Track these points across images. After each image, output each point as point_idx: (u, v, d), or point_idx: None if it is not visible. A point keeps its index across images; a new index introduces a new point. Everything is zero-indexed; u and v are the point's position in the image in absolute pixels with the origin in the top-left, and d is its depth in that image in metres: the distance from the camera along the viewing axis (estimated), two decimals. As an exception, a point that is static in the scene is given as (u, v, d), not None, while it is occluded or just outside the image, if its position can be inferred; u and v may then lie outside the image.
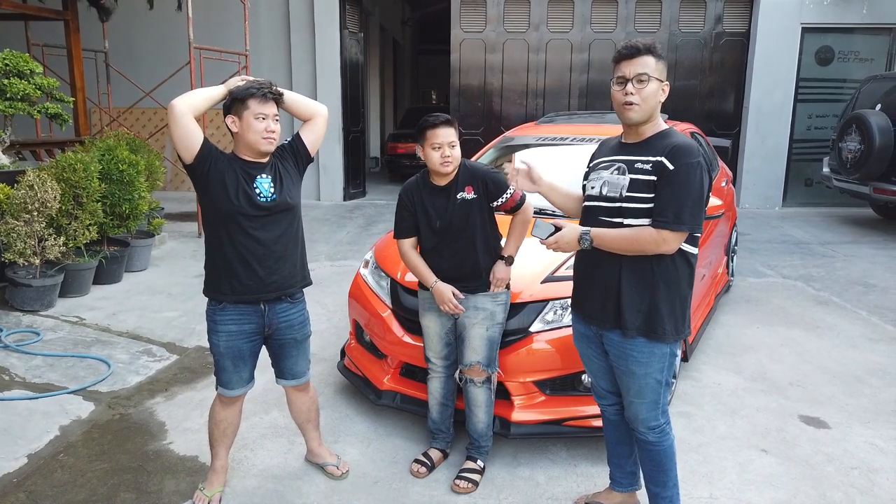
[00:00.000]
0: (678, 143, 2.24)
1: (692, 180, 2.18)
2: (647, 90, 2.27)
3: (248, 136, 2.53)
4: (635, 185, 2.28)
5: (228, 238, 2.59)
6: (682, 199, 2.19)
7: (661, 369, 2.38)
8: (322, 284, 5.97)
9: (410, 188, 3.00)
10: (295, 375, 2.89)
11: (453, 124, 2.86)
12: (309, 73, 9.87)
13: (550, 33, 10.12)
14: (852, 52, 9.72)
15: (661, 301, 2.31)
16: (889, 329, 4.99)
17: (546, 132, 4.93)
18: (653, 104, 2.29)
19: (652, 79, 2.27)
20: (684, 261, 2.33)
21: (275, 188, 2.62)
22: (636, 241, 2.27)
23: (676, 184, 2.19)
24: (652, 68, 2.27)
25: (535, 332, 3.16)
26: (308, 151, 2.77)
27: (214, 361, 2.73)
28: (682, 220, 2.19)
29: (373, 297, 3.63)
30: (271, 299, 2.70)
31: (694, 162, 2.19)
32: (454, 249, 2.92)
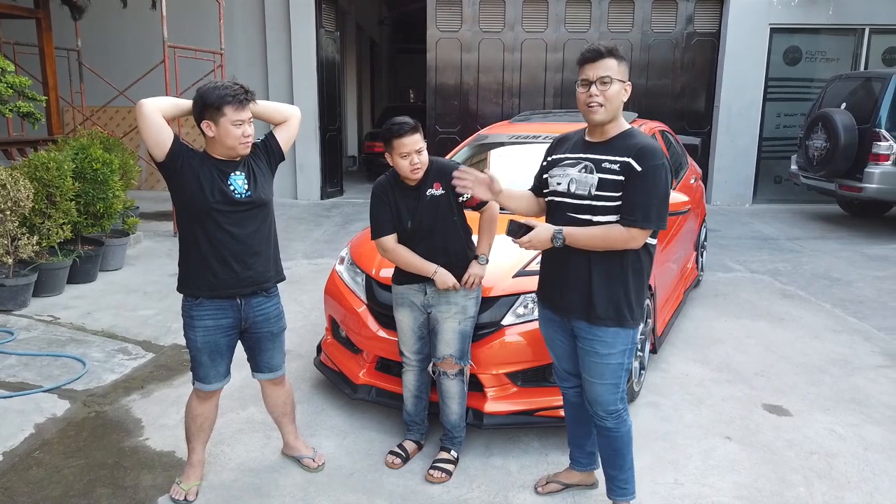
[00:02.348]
0: (644, 145, 2.37)
1: (659, 181, 2.33)
2: (610, 91, 2.37)
3: (226, 141, 2.57)
4: (604, 184, 2.39)
5: (204, 234, 2.63)
6: (650, 200, 2.33)
7: (625, 352, 2.51)
8: (299, 282, 6.00)
9: (383, 185, 3.06)
10: (272, 368, 2.94)
11: (418, 129, 2.91)
12: (285, 73, 9.87)
13: (525, 33, 10.22)
14: (819, 52, 9.95)
15: (630, 290, 2.47)
16: (851, 321, 5.16)
17: (520, 130, 5.02)
18: (616, 104, 2.40)
19: (614, 80, 2.38)
20: (647, 252, 2.50)
21: (249, 185, 2.67)
22: (607, 238, 2.40)
23: (644, 185, 2.32)
24: (614, 70, 2.37)
25: (507, 325, 3.24)
26: (282, 150, 2.83)
27: (191, 357, 2.77)
28: (650, 219, 2.34)
29: (348, 293, 3.69)
30: (247, 294, 2.75)
31: (660, 164, 2.34)
32: (426, 247, 2.98)
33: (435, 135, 10.52)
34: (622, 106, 2.45)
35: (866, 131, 7.70)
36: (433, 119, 10.52)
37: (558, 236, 2.43)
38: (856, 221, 8.90)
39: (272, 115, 2.82)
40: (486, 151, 4.92)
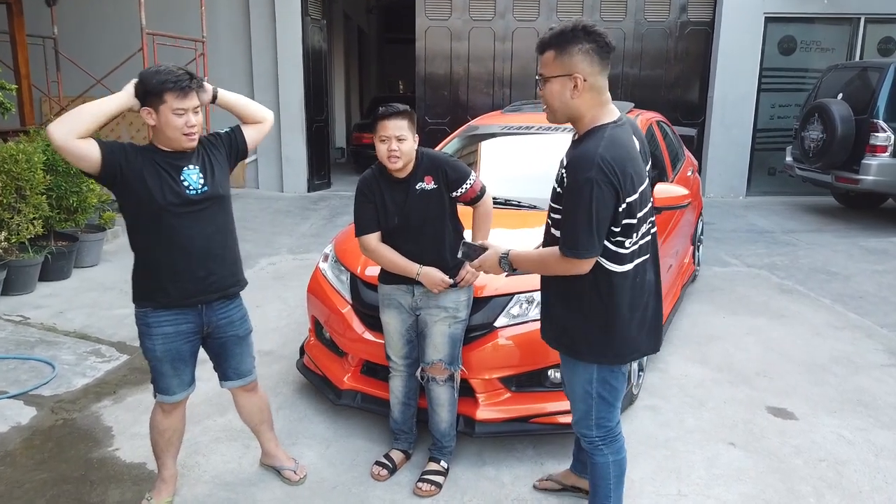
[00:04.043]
0: (576, 154, 2.04)
1: (581, 199, 1.97)
2: (546, 92, 2.09)
3: (167, 132, 2.34)
4: (553, 195, 2.18)
5: (159, 240, 2.40)
6: (574, 221, 2.01)
7: (590, 382, 2.26)
8: (283, 279, 5.80)
9: (368, 179, 2.86)
10: (241, 374, 2.73)
11: (407, 116, 2.71)
12: (270, 62, 9.60)
13: (517, 21, 10.01)
14: (814, 42, 9.79)
15: (579, 321, 2.19)
16: (852, 317, 5.01)
17: (511, 121, 4.82)
18: (558, 105, 2.08)
19: (548, 79, 2.07)
20: (606, 280, 2.12)
21: (205, 179, 2.45)
22: (545, 265, 2.19)
23: (568, 201, 2.04)
24: (549, 65, 2.06)
25: (500, 327, 3.06)
26: (247, 148, 2.63)
27: (151, 368, 2.55)
28: (576, 245, 2.01)
29: (332, 292, 3.49)
30: (211, 300, 2.54)
31: (584, 178, 1.96)
32: (416, 245, 2.79)
33: (424, 126, 10.29)
34: (586, 102, 2.06)
35: (863, 122, 7.56)
36: (422, 110, 10.29)
37: (504, 260, 2.25)
38: (851, 213, 8.78)
39: (246, 112, 2.62)
40: (476, 143, 4.72)
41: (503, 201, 3.90)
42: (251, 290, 5.57)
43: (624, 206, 2.04)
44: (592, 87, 2.07)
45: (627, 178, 2.03)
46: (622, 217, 2.06)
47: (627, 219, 2.08)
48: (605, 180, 1.98)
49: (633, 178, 2.06)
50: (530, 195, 3.92)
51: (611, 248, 2.10)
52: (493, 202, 3.82)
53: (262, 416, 2.87)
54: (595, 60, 2.06)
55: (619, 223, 2.07)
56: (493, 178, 4.29)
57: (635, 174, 2.07)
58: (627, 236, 2.11)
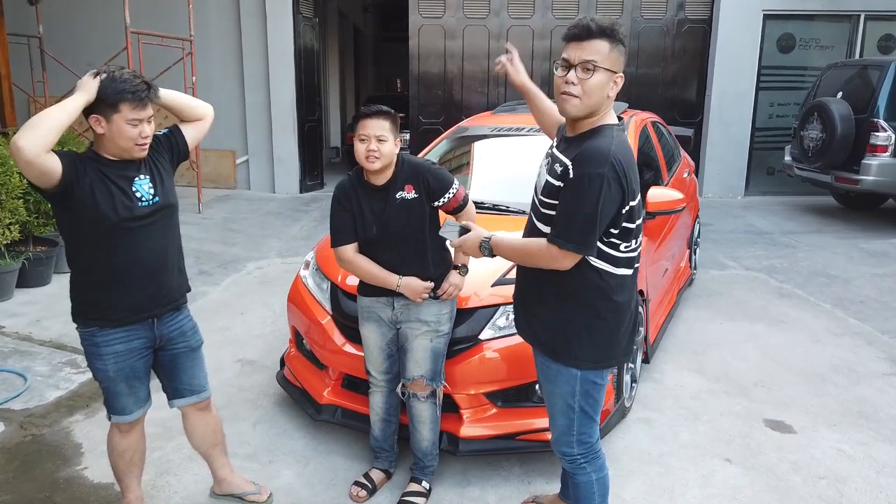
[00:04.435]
0: (588, 148, 1.96)
1: (589, 193, 1.90)
2: (593, 82, 1.96)
3: (118, 142, 2.20)
4: (547, 188, 2.06)
5: (111, 257, 2.25)
6: (573, 213, 1.94)
7: (572, 394, 2.15)
8: (270, 283, 5.66)
9: (345, 187, 2.73)
10: (195, 390, 2.57)
11: (390, 118, 2.58)
12: (260, 61, 9.45)
13: (511, 19, 9.86)
14: (813, 40, 9.65)
15: (570, 322, 2.10)
16: (853, 322, 4.88)
17: (503, 122, 4.68)
18: (597, 99, 1.98)
19: (600, 69, 1.96)
20: (597, 279, 2.05)
21: (155, 189, 2.31)
22: (527, 252, 2.09)
23: (571, 194, 1.95)
24: (603, 56, 1.96)
25: (486, 339, 2.93)
26: (187, 149, 2.49)
27: (104, 389, 2.40)
28: (569, 237, 1.95)
29: (312, 302, 3.36)
30: (164, 313, 2.41)
31: (595, 173, 1.90)
32: (396, 256, 2.65)
33: (418, 125, 10.17)
34: (607, 102, 2.02)
35: (864, 121, 7.41)
36: (416, 109, 10.15)
37: (485, 244, 2.16)
38: (851, 214, 8.64)
39: (184, 109, 2.47)
40: (466, 145, 4.59)
41: (492, 206, 3.77)
42: (236, 297, 5.46)
43: (627, 208, 2.00)
44: (618, 91, 2.06)
45: (632, 183, 2.00)
46: (622, 220, 2.02)
47: (627, 223, 2.03)
48: (615, 178, 1.93)
49: (635, 185, 2.02)
50: (520, 200, 3.78)
51: (604, 249, 2.04)
52: (482, 207, 3.75)
53: (215, 438, 2.69)
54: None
55: (618, 225, 2.02)
56: (483, 182, 4.20)
57: (636, 181, 2.03)
58: (624, 240, 2.06)
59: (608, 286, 2.07)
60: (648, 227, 3.81)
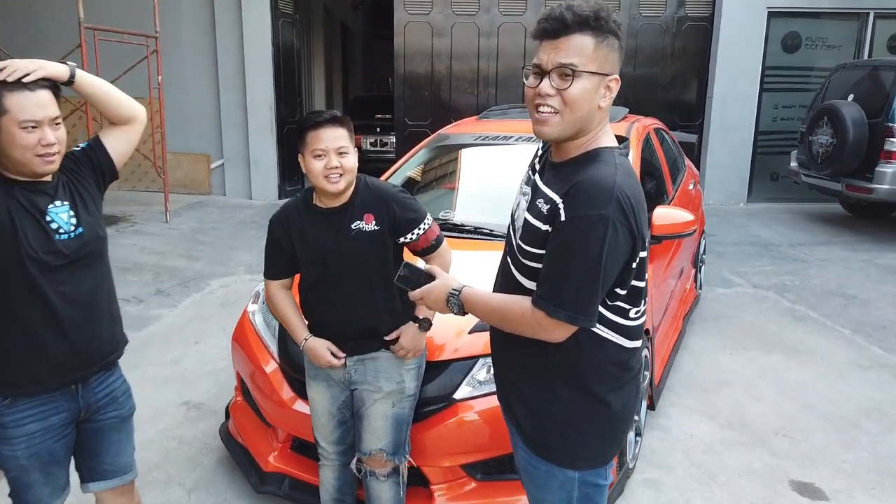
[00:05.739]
0: (585, 182, 1.44)
1: (588, 242, 1.41)
2: (574, 91, 1.46)
3: (12, 153, 1.69)
4: (528, 232, 1.54)
5: (21, 306, 1.75)
6: (567, 270, 1.44)
7: (567, 501, 1.63)
8: (233, 305, 5.12)
9: (287, 214, 2.22)
10: (119, 470, 2.06)
11: (345, 124, 2.09)
12: (236, 59, 8.89)
13: (502, 16, 9.34)
14: (820, 39, 9.17)
15: (563, 408, 1.58)
16: (877, 352, 4.39)
17: (488, 129, 4.16)
18: (582, 113, 1.48)
19: (583, 73, 1.45)
20: (600, 353, 1.54)
21: (77, 218, 1.81)
22: (506, 316, 1.55)
23: (564, 244, 1.44)
24: (587, 54, 1.45)
25: (462, 399, 2.41)
26: (115, 166, 1.96)
27: (11, 479, 1.87)
28: (562, 301, 1.44)
29: (258, 344, 2.84)
30: (90, 375, 1.90)
31: (596, 215, 1.40)
32: (345, 296, 2.15)
33: (404, 128, 9.64)
34: (598, 115, 1.51)
35: (877, 126, 6.93)
36: (402, 111, 9.63)
37: (454, 299, 1.62)
38: (861, 223, 8.16)
39: (109, 102, 1.92)
40: (445, 156, 4.07)
41: (473, 229, 3.25)
42: (193, 321, 4.84)
43: (637, 261, 1.49)
44: (613, 98, 1.54)
45: (643, 226, 1.48)
46: (632, 276, 1.51)
47: (637, 280, 1.53)
48: (623, 221, 1.42)
49: (645, 228, 1.50)
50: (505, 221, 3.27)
51: (608, 315, 1.53)
52: (462, 230, 3.23)
53: None
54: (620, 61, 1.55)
55: (626, 284, 1.51)
56: (464, 201, 3.68)
57: (646, 223, 1.51)
58: (633, 303, 1.55)
59: (614, 363, 1.56)
60: (653, 250, 3.31)
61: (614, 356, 1.55)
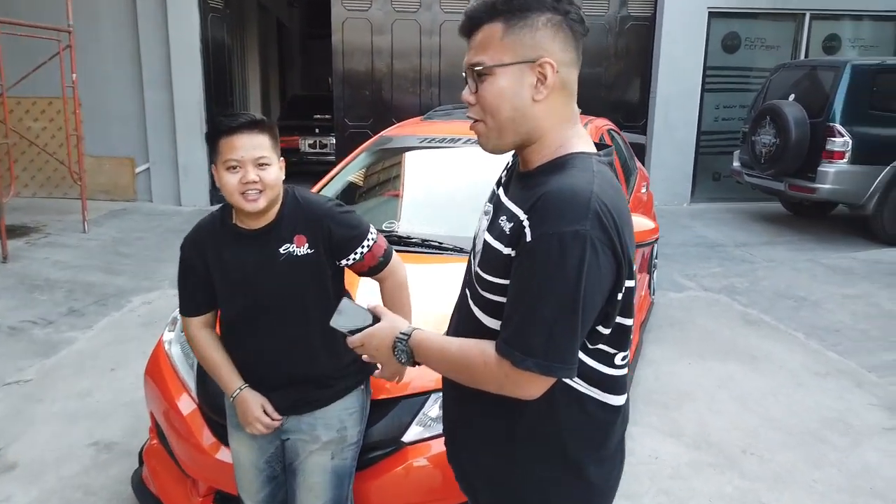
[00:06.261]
0: (553, 192, 1.15)
1: (558, 269, 1.10)
2: (486, 93, 1.21)
3: None
4: (487, 257, 1.25)
5: None
6: (534, 306, 1.13)
7: None
8: (156, 325, 4.66)
9: (201, 234, 1.87)
10: None
11: (266, 129, 1.75)
12: (161, 56, 8.32)
13: (444, 13, 9.06)
14: (759, 39, 9.25)
15: (532, 481, 1.28)
16: (832, 357, 4.30)
17: (434, 131, 3.86)
18: (506, 114, 1.21)
19: (494, 69, 1.19)
20: (578, 413, 1.25)
21: None
22: (466, 369, 1.23)
23: (529, 273, 1.14)
24: (495, 47, 1.19)
25: (413, 442, 2.10)
26: None
27: None
28: (529, 348, 1.12)
29: (174, 380, 2.46)
30: None
31: (568, 232, 1.10)
32: (272, 341, 1.81)
33: (344, 129, 9.26)
34: (548, 111, 1.21)
35: (819, 126, 6.96)
36: (342, 111, 9.24)
37: (401, 345, 1.29)
38: (801, 222, 8.24)
39: None
40: (388, 160, 3.76)
41: (421, 241, 2.95)
42: (110, 344, 4.41)
43: (624, 291, 1.18)
44: (564, 84, 1.23)
45: (629, 246, 1.17)
46: (617, 311, 1.20)
47: (624, 316, 1.22)
48: (604, 240, 1.12)
49: (632, 249, 1.20)
50: (458, 233, 2.99)
51: (588, 363, 1.23)
52: (409, 243, 2.92)
53: None
54: (568, 42, 1.21)
55: (610, 321, 1.20)
56: (410, 210, 3.37)
57: (632, 244, 1.21)
58: (619, 346, 1.25)
59: (596, 426, 1.27)
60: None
61: (596, 417, 1.26)
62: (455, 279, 2.77)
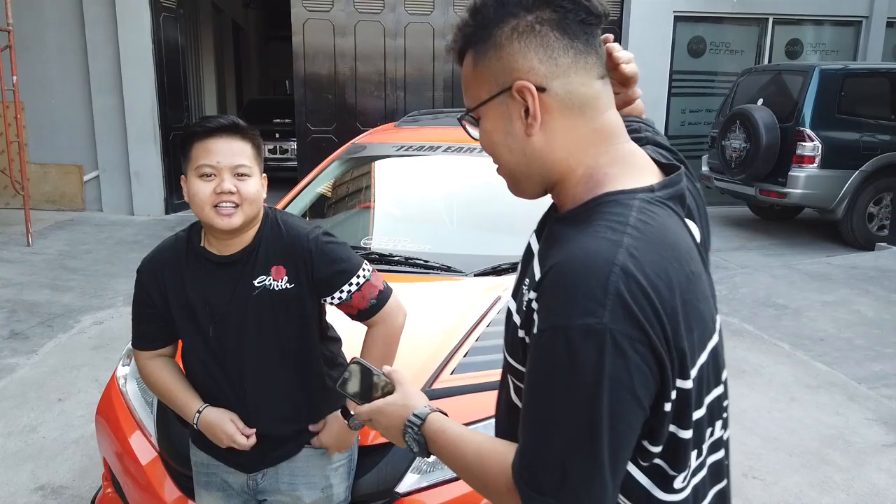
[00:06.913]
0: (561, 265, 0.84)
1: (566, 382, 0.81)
2: (481, 137, 0.98)
3: None
4: (508, 330, 0.99)
5: None
6: (544, 429, 0.84)
7: None
8: (108, 347, 4.30)
9: (161, 257, 1.59)
10: None
11: (248, 136, 1.49)
12: (110, 57, 7.87)
13: (409, 15, 8.82)
14: (723, 44, 9.27)
15: None
16: (821, 369, 4.19)
17: (410, 138, 3.62)
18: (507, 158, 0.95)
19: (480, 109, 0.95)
20: None
21: None
22: (478, 480, 0.96)
23: (535, 382, 0.86)
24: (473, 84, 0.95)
25: (408, 492, 1.85)
26: None
27: None
28: (539, 486, 0.83)
29: (129, 423, 2.16)
30: None
31: (577, 328, 0.79)
32: (245, 385, 1.55)
33: (307, 134, 8.93)
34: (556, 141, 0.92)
35: (788, 130, 6.95)
36: (303, 115, 8.91)
37: (412, 430, 1.02)
38: (771, 227, 8.25)
39: None
40: (363, 169, 3.49)
41: (403, 259, 2.70)
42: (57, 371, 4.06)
43: (674, 396, 0.85)
44: (563, 100, 0.91)
45: (684, 336, 0.84)
46: (667, 422, 0.86)
47: (679, 426, 0.88)
48: (633, 334, 0.79)
49: (694, 329, 0.87)
50: (440, 249, 2.75)
51: (640, 480, 0.91)
52: (389, 261, 2.67)
53: None
54: (551, 44, 0.90)
55: (659, 436, 0.87)
56: (388, 224, 3.12)
57: (696, 318, 0.88)
58: (677, 466, 0.91)
59: None
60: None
61: None
62: (442, 300, 2.55)
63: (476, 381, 1.97)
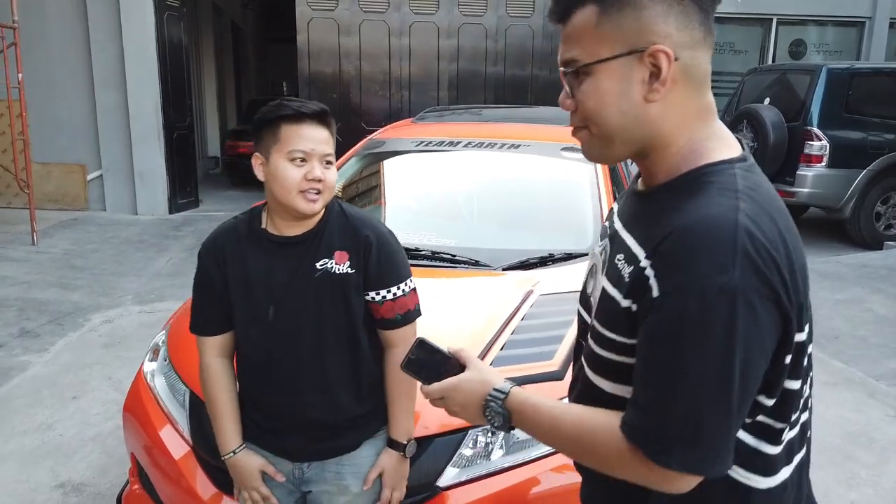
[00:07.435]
0: (683, 229, 0.86)
1: (702, 340, 0.83)
2: (584, 97, 0.94)
3: None
4: (604, 305, 0.98)
5: None
6: (672, 386, 0.86)
7: None
8: (121, 345, 4.26)
9: (222, 240, 1.57)
10: None
11: (331, 125, 1.49)
12: (114, 55, 7.83)
13: (414, 15, 8.80)
14: (728, 44, 9.30)
15: None
16: (838, 366, 4.19)
17: (429, 133, 3.59)
18: (613, 121, 0.93)
19: (591, 66, 0.92)
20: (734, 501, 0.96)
21: None
22: (584, 450, 0.98)
23: (660, 342, 0.87)
24: (590, 37, 0.92)
25: (449, 486, 1.82)
26: None
27: None
28: (667, 440, 0.86)
29: (160, 418, 2.12)
30: None
31: (710, 287, 0.82)
32: (297, 369, 1.52)
33: (331, 145, 8.87)
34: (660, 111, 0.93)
35: (796, 129, 6.96)
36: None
37: (494, 403, 1.01)
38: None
39: None
40: (382, 165, 3.46)
41: (431, 253, 2.67)
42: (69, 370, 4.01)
43: (793, 347, 0.89)
44: (688, 72, 0.92)
45: (801, 290, 0.89)
46: (784, 375, 0.90)
47: (793, 378, 0.92)
48: (764, 291, 0.83)
49: (803, 282, 0.91)
50: (467, 243, 2.73)
51: (746, 441, 0.94)
52: (416, 256, 2.64)
53: None
54: (689, 16, 0.91)
55: (775, 389, 0.91)
56: (412, 219, 3.10)
57: (802, 273, 0.91)
58: (784, 418, 0.94)
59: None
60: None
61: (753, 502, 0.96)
62: (474, 294, 2.52)
63: (516, 374, 1.94)
